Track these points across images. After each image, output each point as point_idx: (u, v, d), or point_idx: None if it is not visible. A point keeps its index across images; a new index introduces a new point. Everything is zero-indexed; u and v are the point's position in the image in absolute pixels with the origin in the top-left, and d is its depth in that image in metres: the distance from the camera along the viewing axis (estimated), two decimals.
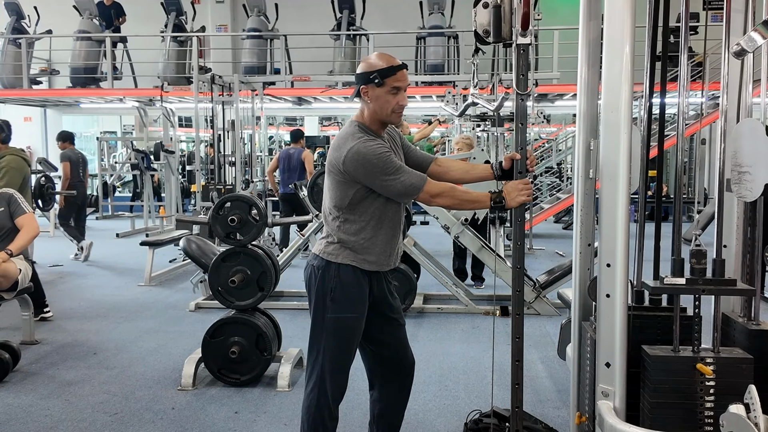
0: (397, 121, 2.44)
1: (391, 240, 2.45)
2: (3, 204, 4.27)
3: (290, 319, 5.19)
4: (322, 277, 2.39)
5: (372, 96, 2.31)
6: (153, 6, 12.27)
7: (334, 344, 2.41)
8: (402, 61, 2.34)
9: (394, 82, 2.29)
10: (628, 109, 2.07)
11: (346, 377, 2.48)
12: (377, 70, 2.28)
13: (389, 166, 2.26)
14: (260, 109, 10.64)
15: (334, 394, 2.45)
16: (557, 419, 3.27)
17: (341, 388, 2.48)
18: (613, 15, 2.07)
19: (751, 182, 2.08)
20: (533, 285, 5.43)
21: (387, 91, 2.29)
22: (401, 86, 2.31)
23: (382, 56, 2.33)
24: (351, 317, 2.41)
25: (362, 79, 2.32)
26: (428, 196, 2.31)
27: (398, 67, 2.30)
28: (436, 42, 11.16)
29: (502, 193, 2.30)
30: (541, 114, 8.03)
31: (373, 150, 2.26)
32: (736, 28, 2.25)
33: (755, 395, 1.79)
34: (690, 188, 13.12)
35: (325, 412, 2.44)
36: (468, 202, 2.38)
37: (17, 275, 4.17)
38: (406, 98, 2.36)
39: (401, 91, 2.32)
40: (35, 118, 14.66)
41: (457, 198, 2.36)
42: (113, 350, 4.50)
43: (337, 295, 2.38)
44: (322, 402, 2.43)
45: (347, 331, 2.42)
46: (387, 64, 2.29)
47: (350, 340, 2.44)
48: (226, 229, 3.80)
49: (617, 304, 2.10)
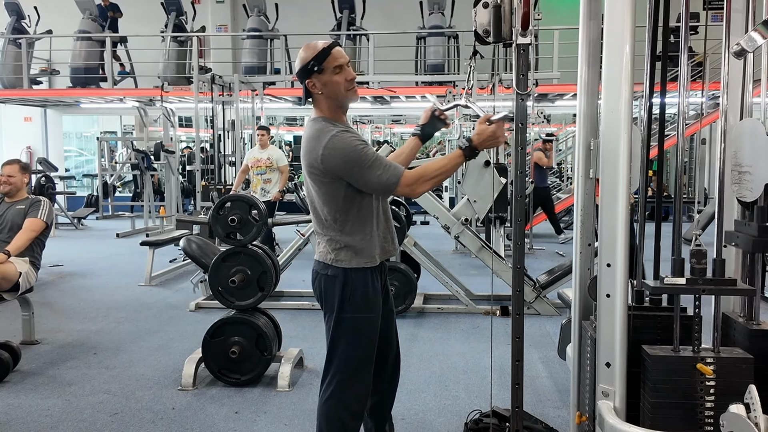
0: (355, 97, 2.38)
1: (388, 227, 2.47)
2: (27, 204, 4.40)
3: (290, 319, 5.19)
4: (338, 284, 2.36)
5: (320, 86, 2.28)
6: (153, 6, 12.28)
7: (357, 346, 2.40)
8: (332, 41, 2.33)
9: (333, 62, 2.27)
10: (628, 109, 2.07)
11: (370, 378, 2.45)
12: (312, 59, 2.26)
13: (366, 159, 2.21)
14: (260, 109, 10.64)
15: (358, 396, 2.42)
16: (557, 419, 3.27)
17: (367, 387, 2.45)
18: (613, 15, 2.07)
19: (751, 182, 2.08)
20: (533, 285, 5.43)
21: (331, 73, 2.27)
22: (342, 62, 2.29)
23: (309, 46, 2.30)
24: (369, 317, 2.40)
25: (303, 75, 2.29)
26: (408, 188, 2.26)
27: (329, 47, 2.28)
28: (436, 42, 11.16)
29: (472, 141, 2.29)
30: (541, 114, 8.03)
31: (349, 142, 2.22)
32: (736, 28, 2.25)
33: (755, 395, 1.79)
34: (690, 188, 13.13)
35: (345, 417, 2.40)
36: (446, 170, 2.32)
37: (17, 277, 4.18)
38: (352, 72, 2.34)
39: (344, 67, 2.30)
40: (35, 118, 14.68)
41: (435, 172, 2.29)
42: (113, 350, 4.50)
43: (356, 299, 2.36)
44: (342, 408, 2.40)
45: (368, 331, 2.41)
46: (318, 49, 2.27)
47: (371, 340, 2.42)
48: (226, 229, 3.80)
49: (617, 304, 2.10)
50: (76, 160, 16.99)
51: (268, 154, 7.73)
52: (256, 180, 7.75)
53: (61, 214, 11.71)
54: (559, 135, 14.82)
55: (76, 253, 8.88)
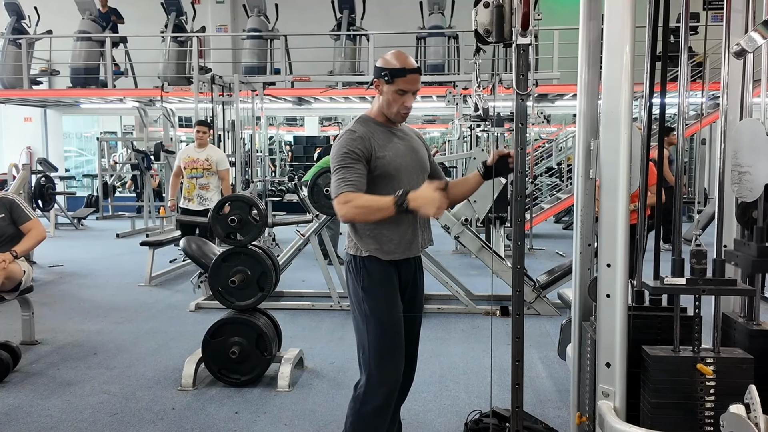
0: (400, 121, 2.47)
1: (399, 227, 2.39)
2: (4, 210, 4.21)
3: (290, 319, 5.19)
4: (353, 271, 2.43)
5: (381, 90, 2.38)
6: (153, 6, 12.28)
7: (377, 335, 2.38)
8: (417, 67, 2.37)
9: (402, 84, 2.33)
10: (628, 109, 2.07)
11: (397, 365, 2.42)
12: (389, 69, 2.33)
13: (336, 164, 2.30)
14: (260, 110, 10.64)
15: (385, 382, 2.38)
16: (557, 419, 3.27)
17: (394, 374, 2.41)
18: (613, 15, 2.07)
19: (751, 182, 2.08)
20: (533, 285, 5.43)
21: (394, 90, 2.34)
22: (408, 90, 2.35)
23: (399, 56, 2.36)
24: (384, 304, 2.39)
25: (376, 73, 2.38)
26: (336, 205, 2.26)
27: (410, 70, 2.34)
28: (436, 42, 11.17)
29: (407, 195, 2.16)
30: (541, 114, 8.03)
31: (341, 145, 2.32)
32: (736, 28, 2.25)
33: (755, 395, 1.79)
34: (690, 188, 13.13)
35: (370, 409, 2.38)
36: (371, 210, 2.24)
37: (21, 276, 4.19)
38: (411, 102, 2.39)
39: (407, 94, 2.36)
40: (35, 118, 14.68)
41: (362, 204, 2.23)
42: (113, 350, 4.50)
43: (366, 285, 2.39)
44: (369, 400, 2.38)
45: (385, 319, 2.38)
46: (401, 65, 2.33)
47: (391, 329, 2.39)
48: (226, 229, 3.80)
49: (617, 304, 2.10)
50: (76, 161, 17.01)
51: (206, 154, 6.70)
52: (191, 184, 6.67)
53: (61, 215, 11.72)
54: (559, 135, 14.83)
55: (76, 253, 8.88)
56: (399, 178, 2.39)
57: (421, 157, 2.50)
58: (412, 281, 2.53)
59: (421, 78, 2.40)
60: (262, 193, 9.92)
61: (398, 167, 2.38)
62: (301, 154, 15.83)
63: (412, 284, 2.53)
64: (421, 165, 2.49)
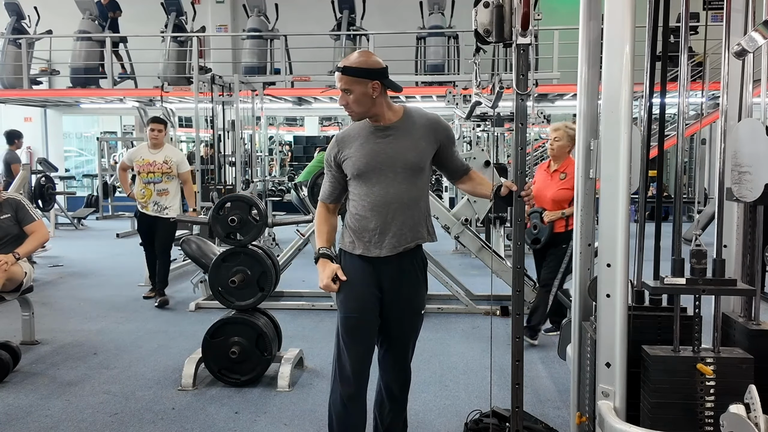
0: (355, 119, 2.46)
1: (369, 223, 2.39)
2: (10, 210, 4.22)
3: (290, 319, 5.19)
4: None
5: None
6: (153, 6, 12.27)
7: (339, 328, 2.48)
8: (343, 65, 2.36)
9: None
10: (628, 109, 2.07)
11: (352, 359, 2.43)
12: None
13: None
14: (260, 110, 10.63)
15: (341, 375, 2.45)
16: (557, 419, 3.27)
17: (347, 368, 2.43)
18: (613, 15, 2.07)
19: (751, 182, 2.08)
20: (533, 285, 5.42)
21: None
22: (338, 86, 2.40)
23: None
24: (345, 297, 2.44)
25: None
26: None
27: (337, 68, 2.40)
28: (436, 42, 11.15)
29: (320, 258, 2.47)
30: (541, 114, 8.03)
31: (328, 151, 2.50)
32: (736, 28, 2.25)
33: (755, 395, 1.79)
34: (690, 188, 13.12)
35: (333, 399, 2.50)
36: (315, 235, 2.61)
37: (22, 278, 4.20)
38: (342, 100, 2.38)
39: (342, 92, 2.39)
40: (35, 118, 14.65)
41: (315, 225, 2.60)
42: (113, 350, 4.50)
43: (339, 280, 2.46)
44: (333, 390, 2.51)
45: (343, 312, 2.45)
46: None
47: (347, 322, 2.44)
48: (226, 229, 3.80)
49: (617, 304, 2.10)
50: (76, 161, 17.00)
51: (164, 155, 5.84)
52: (147, 190, 5.84)
53: (61, 215, 11.72)
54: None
55: (76, 253, 8.88)
56: (368, 177, 2.38)
57: (406, 156, 2.38)
58: (397, 282, 2.45)
59: (341, 77, 2.33)
60: (262, 193, 9.92)
61: (363, 168, 2.37)
62: (301, 154, 15.85)
63: (396, 285, 2.46)
64: (405, 163, 2.38)
